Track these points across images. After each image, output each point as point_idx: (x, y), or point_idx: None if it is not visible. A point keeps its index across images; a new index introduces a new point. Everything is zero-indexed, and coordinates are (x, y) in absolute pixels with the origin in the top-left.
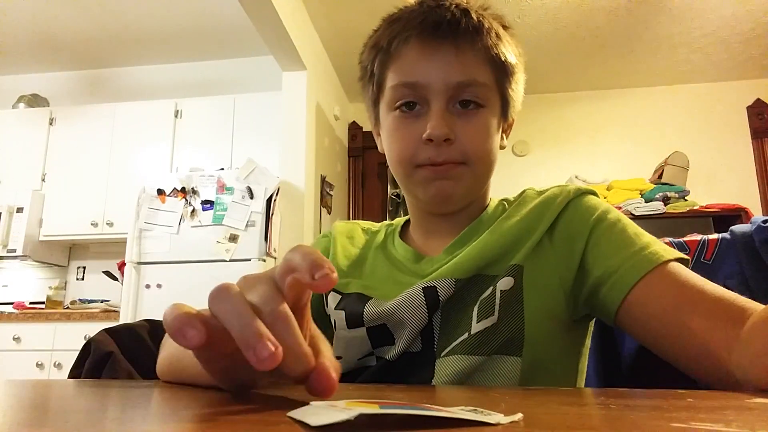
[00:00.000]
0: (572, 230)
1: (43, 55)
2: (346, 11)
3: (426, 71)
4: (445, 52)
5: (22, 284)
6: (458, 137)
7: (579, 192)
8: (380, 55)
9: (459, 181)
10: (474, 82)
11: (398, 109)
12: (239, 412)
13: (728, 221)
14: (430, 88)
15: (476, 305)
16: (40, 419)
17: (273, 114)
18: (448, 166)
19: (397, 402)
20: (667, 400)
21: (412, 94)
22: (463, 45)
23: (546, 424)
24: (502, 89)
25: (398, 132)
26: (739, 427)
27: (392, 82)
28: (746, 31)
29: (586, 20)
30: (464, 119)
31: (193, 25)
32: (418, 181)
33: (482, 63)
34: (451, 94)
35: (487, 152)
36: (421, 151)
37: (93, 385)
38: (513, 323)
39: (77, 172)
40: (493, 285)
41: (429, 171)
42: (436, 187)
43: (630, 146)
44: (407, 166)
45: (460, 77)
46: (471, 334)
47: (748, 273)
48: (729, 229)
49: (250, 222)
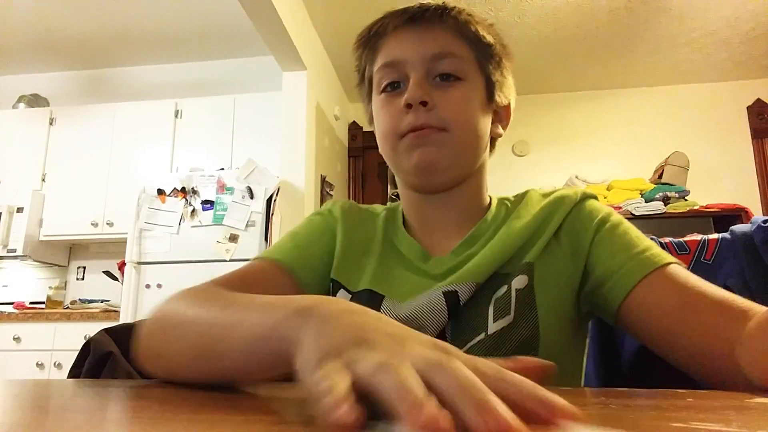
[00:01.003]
0: (578, 230)
1: (43, 55)
2: (346, 11)
3: (403, 49)
4: (419, 31)
5: (22, 284)
6: (437, 104)
7: (585, 195)
8: (365, 52)
9: (441, 147)
10: (449, 53)
11: (383, 91)
12: (239, 412)
13: (728, 221)
14: (408, 63)
15: (491, 304)
16: (40, 419)
17: (273, 114)
18: (429, 130)
19: None
20: (667, 400)
21: (394, 73)
22: (433, 24)
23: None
24: (483, 68)
25: (383, 109)
26: (739, 427)
27: (377, 67)
28: (746, 31)
29: (586, 20)
30: (443, 89)
31: (193, 25)
32: (402, 151)
33: (456, 39)
34: (427, 66)
35: (468, 121)
36: (403, 120)
37: (92, 385)
38: (529, 322)
39: (77, 172)
40: (508, 283)
41: (411, 138)
42: (419, 154)
43: (630, 146)
44: (392, 137)
45: (433, 49)
46: (488, 335)
47: (748, 273)
48: (729, 229)
49: (251, 222)
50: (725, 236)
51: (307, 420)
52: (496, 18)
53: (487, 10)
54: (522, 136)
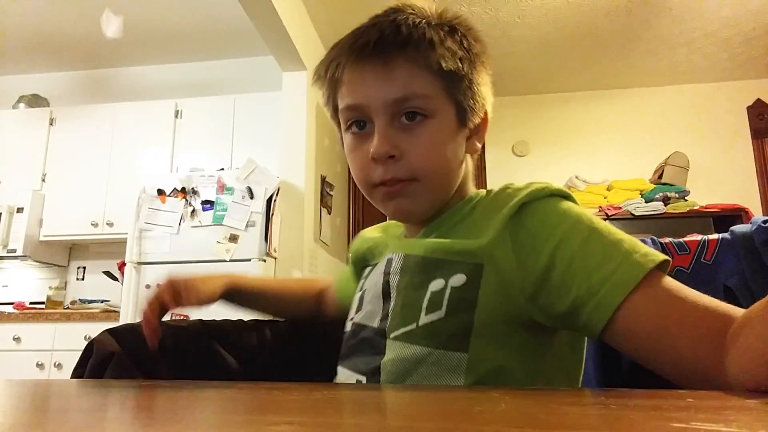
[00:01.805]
0: (538, 233)
1: (43, 55)
2: (346, 11)
3: (363, 92)
4: (375, 71)
5: (22, 284)
6: (405, 153)
7: (547, 192)
8: (326, 83)
9: (415, 197)
10: (411, 95)
11: (350, 131)
12: (239, 412)
13: (728, 221)
14: (371, 108)
15: (427, 297)
16: (40, 419)
17: (273, 114)
18: (402, 184)
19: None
20: (667, 400)
21: (358, 115)
22: (392, 61)
23: (546, 424)
24: (452, 96)
25: (352, 153)
26: (739, 427)
27: (341, 105)
28: (746, 31)
29: (586, 20)
30: (410, 133)
31: (193, 25)
32: (378, 201)
33: (418, 74)
34: (391, 110)
35: (439, 165)
36: (373, 171)
37: (94, 385)
38: (461, 319)
39: (77, 172)
40: (446, 279)
41: (383, 191)
42: (394, 205)
43: (630, 146)
44: (365, 186)
45: (395, 93)
46: (418, 326)
47: (748, 273)
48: (729, 229)
49: (251, 222)
50: (725, 236)
51: (307, 419)
52: (496, 18)
53: (487, 10)
54: (522, 136)
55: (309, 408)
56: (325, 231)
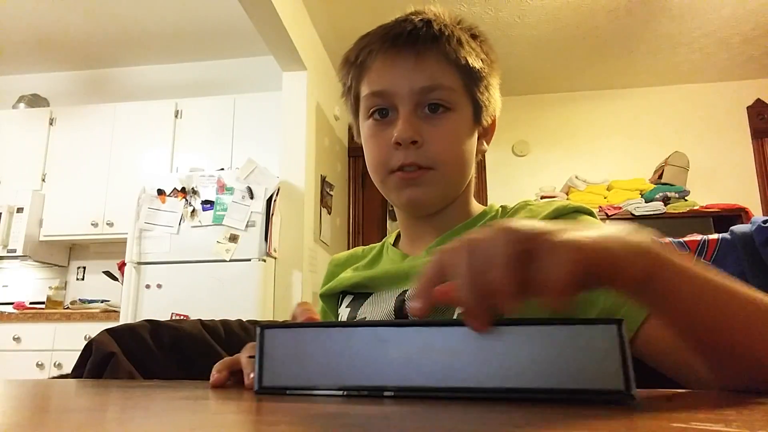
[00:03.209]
0: None
1: (43, 55)
2: (346, 11)
3: (391, 79)
4: (406, 59)
5: (22, 284)
6: (426, 141)
7: (571, 208)
8: (352, 70)
9: (430, 186)
10: (439, 86)
11: (371, 117)
12: (239, 412)
13: (728, 221)
14: (397, 95)
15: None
16: (40, 419)
17: (273, 114)
18: (419, 172)
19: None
20: (667, 400)
21: (382, 102)
22: (423, 52)
23: (546, 424)
24: (471, 93)
25: (372, 139)
26: (739, 427)
27: (364, 92)
28: (746, 31)
29: (586, 20)
30: (432, 123)
31: (193, 25)
32: (392, 188)
33: (446, 68)
34: (417, 99)
35: (457, 156)
36: (393, 156)
37: (93, 385)
38: None
39: (77, 172)
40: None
41: (400, 177)
42: (408, 194)
43: (630, 146)
44: (381, 171)
45: (423, 82)
46: None
47: (748, 273)
48: (729, 229)
49: (251, 222)
50: (725, 236)
51: (307, 420)
52: (496, 18)
53: (487, 10)
54: (522, 136)
55: (309, 408)
56: (325, 231)
